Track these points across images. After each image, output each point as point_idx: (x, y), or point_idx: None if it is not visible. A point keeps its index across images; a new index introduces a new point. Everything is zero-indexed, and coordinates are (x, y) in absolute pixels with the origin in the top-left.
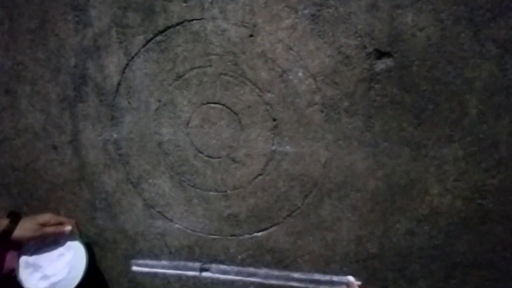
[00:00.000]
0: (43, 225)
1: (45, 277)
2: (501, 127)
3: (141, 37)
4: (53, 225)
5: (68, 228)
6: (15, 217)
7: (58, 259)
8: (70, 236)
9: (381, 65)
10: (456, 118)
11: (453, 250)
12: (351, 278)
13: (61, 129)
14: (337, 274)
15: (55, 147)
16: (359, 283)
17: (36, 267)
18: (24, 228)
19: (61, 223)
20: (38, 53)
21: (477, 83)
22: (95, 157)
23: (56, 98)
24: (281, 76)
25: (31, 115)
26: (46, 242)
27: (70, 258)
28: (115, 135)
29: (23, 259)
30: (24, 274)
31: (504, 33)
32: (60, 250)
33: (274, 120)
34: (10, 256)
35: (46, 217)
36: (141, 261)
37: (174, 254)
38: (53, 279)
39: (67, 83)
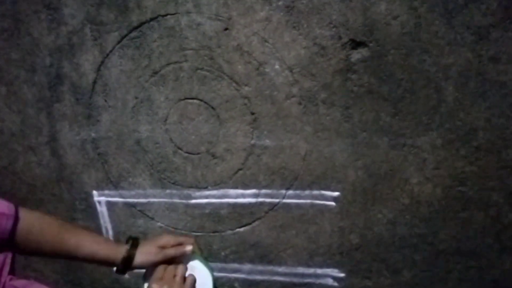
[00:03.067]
0: (163, 247)
1: None
2: (478, 113)
3: (116, 33)
4: (173, 246)
5: (189, 248)
6: (134, 242)
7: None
8: (192, 256)
9: (356, 55)
10: (433, 106)
11: (435, 239)
12: None
13: (38, 130)
14: (321, 267)
15: (32, 148)
16: None
17: None
18: (145, 253)
19: (180, 243)
20: (12, 53)
21: (453, 70)
22: (74, 157)
23: (32, 98)
24: (257, 69)
25: (8, 116)
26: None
27: (196, 279)
28: (93, 134)
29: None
30: None
31: (478, 19)
32: None
33: (253, 114)
34: None
35: (165, 238)
36: None
37: None
38: None
39: (42, 83)
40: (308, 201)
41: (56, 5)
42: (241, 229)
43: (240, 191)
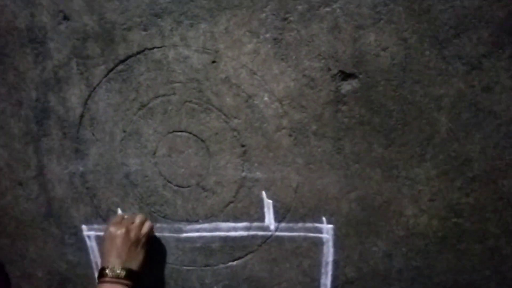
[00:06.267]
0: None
1: None
2: (472, 144)
3: (102, 67)
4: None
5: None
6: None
7: None
8: None
9: (347, 86)
10: (426, 137)
11: (432, 272)
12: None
13: (25, 164)
14: None
15: (20, 183)
16: None
17: None
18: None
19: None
20: None
21: (445, 100)
22: (62, 191)
23: (19, 132)
24: (246, 101)
25: None
26: None
27: None
28: (81, 168)
29: None
30: None
31: (469, 49)
32: None
33: (243, 146)
34: None
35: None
36: None
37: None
38: None
39: (29, 117)
40: (301, 234)
41: (42, 39)
42: (234, 263)
43: (231, 224)
